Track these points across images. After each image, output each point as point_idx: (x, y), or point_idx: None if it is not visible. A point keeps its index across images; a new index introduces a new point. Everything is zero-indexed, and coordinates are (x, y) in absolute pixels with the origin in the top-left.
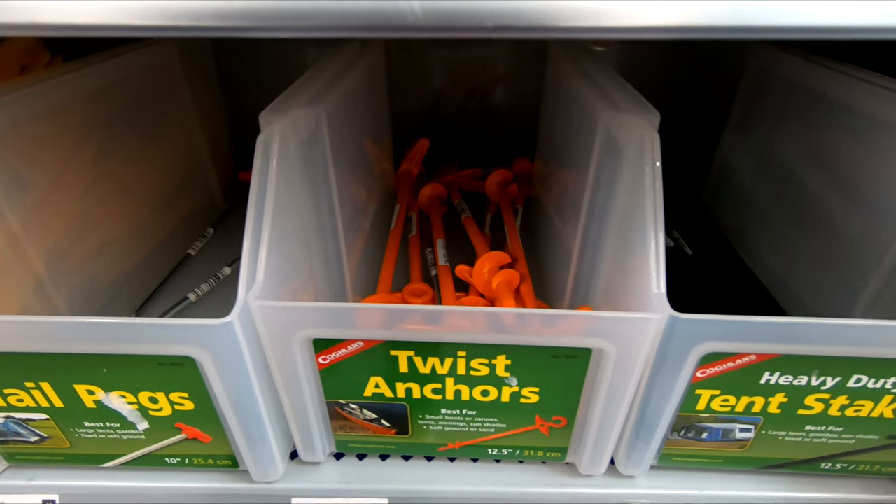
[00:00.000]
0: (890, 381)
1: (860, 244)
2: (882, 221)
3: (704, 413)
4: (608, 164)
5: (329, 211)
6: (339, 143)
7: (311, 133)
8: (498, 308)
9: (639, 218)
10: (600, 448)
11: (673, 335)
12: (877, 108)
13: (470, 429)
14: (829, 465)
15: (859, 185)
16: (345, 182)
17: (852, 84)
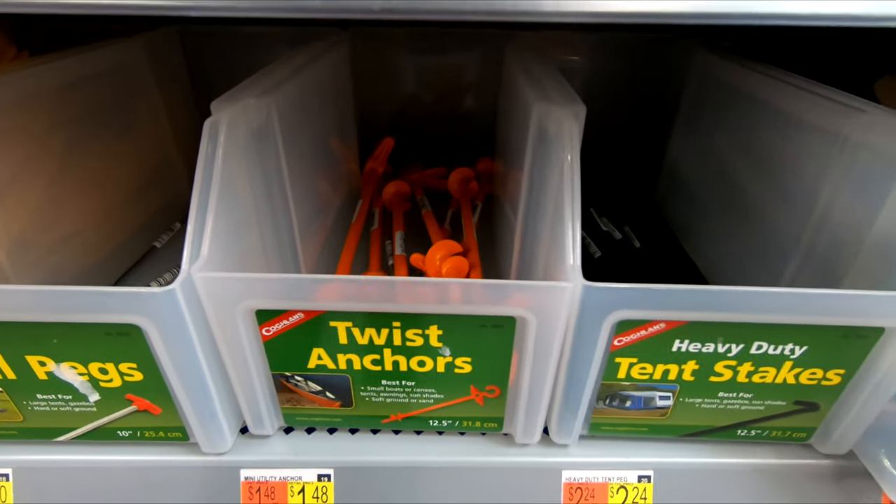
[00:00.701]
0: (787, 347)
1: (780, 231)
2: (796, 209)
3: (626, 381)
4: (540, 155)
5: (282, 200)
6: (293, 137)
7: (261, 123)
8: (422, 278)
9: (560, 201)
10: (532, 418)
11: (587, 304)
12: (792, 105)
13: (410, 400)
14: (745, 431)
15: (779, 177)
16: (300, 174)
17: (773, 85)
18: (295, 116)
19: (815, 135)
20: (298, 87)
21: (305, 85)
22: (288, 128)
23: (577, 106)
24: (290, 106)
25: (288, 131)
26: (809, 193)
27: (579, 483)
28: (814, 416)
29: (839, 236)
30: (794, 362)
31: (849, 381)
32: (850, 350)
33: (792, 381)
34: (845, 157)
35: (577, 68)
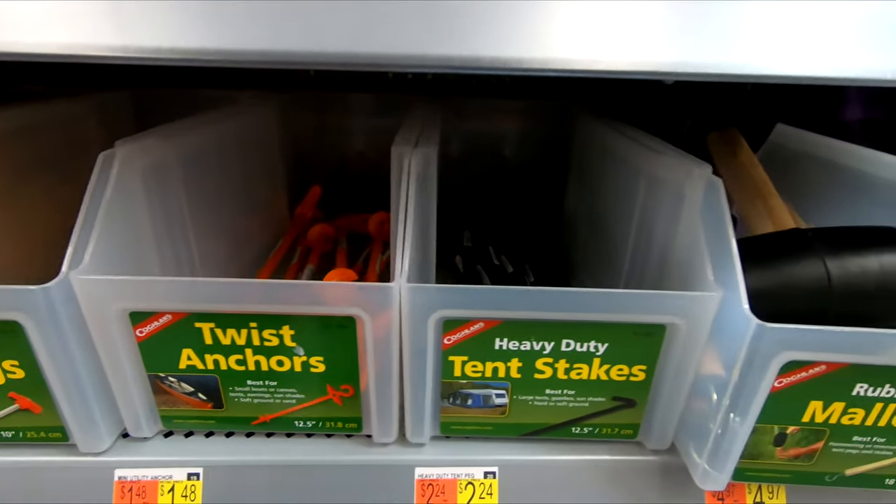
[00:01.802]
0: (591, 344)
1: (619, 257)
2: (624, 237)
3: (462, 379)
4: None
5: (182, 232)
6: (197, 178)
7: (159, 161)
8: (266, 280)
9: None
10: (385, 417)
11: (413, 304)
12: (623, 150)
13: (275, 400)
14: (578, 429)
15: (616, 212)
16: (203, 211)
17: (614, 136)
18: (200, 162)
19: (632, 173)
20: (204, 137)
21: (215, 136)
22: (191, 170)
23: (429, 148)
24: (194, 151)
25: (191, 173)
26: (630, 222)
27: (430, 480)
28: (634, 412)
29: (650, 256)
30: (602, 359)
31: (652, 376)
32: (644, 346)
33: (605, 377)
34: (649, 190)
35: (495, 131)
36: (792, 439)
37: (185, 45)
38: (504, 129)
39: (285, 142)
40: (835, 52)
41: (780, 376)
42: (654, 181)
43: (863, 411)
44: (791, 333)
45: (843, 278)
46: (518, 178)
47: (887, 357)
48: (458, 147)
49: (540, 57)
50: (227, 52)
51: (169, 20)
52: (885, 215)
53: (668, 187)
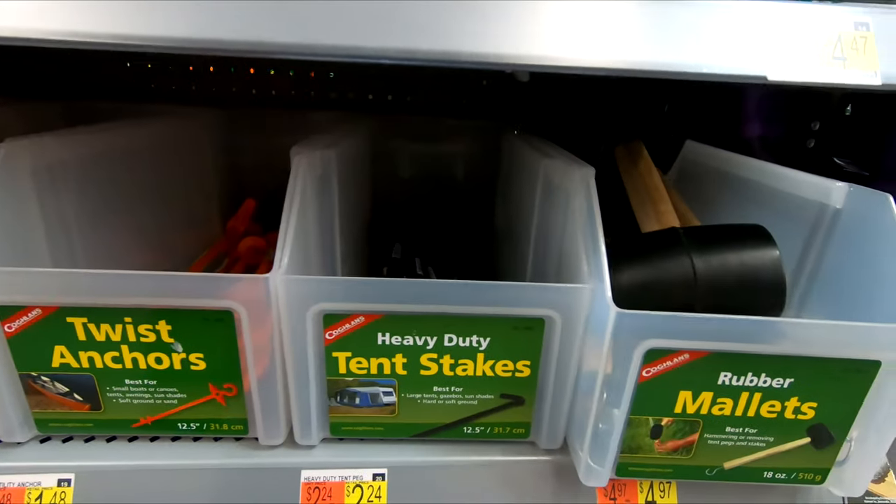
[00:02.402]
0: (474, 339)
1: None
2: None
3: (348, 377)
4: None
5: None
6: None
7: (56, 161)
8: (133, 271)
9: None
10: (271, 418)
11: (291, 297)
12: (527, 159)
13: (155, 400)
14: (470, 428)
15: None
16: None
17: (524, 148)
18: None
19: (532, 179)
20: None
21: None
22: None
23: (328, 151)
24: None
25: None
26: (531, 226)
27: (317, 483)
28: (523, 409)
29: (549, 258)
30: (486, 354)
31: (537, 371)
32: (526, 341)
33: (490, 373)
34: (544, 193)
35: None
36: (668, 431)
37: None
38: (439, 147)
39: (219, 156)
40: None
41: (647, 366)
42: (547, 184)
43: (731, 401)
44: (649, 320)
45: (707, 273)
46: (452, 194)
47: (745, 344)
48: (393, 164)
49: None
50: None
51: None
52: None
53: (557, 189)
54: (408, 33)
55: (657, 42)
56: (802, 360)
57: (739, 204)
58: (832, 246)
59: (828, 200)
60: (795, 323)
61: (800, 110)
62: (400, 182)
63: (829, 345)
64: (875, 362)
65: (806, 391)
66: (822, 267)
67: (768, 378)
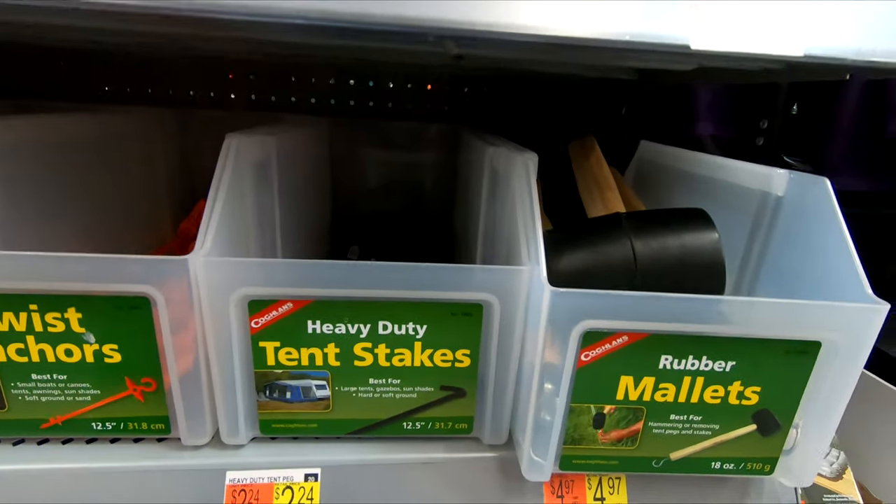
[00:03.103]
0: (410, 326)
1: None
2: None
3: (277, 369)
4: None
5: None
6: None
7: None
8: (37, 252)
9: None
10: (194, 416)
11: (211, 280)
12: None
13: (66, 398)
14: (411, 424)
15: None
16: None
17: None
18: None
19: (480, 170)
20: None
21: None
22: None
23: (267, 137)
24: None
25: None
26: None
27: (243, 485)
28: (465, 402)
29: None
30: (423, 343)
31: (477, 361)
32: (464, 328)
33: (429, 363)
34: (491, 182)
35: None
36: (611, 420)
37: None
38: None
39: (172, 157)
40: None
41: (585, 349)
42: (494, 173)
43: (673, 386)
44: (585, 299)
45: (647, 256)
46: (412, 197)
47: (685, 325)
48: (353, 167)
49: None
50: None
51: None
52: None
53: (502, 177)
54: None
55: (577, 12)
56: (744, 342)
57: (691, 199)
58: (776, 232)
59: (770, 188)
60: (733, 300)
61: (749, 110)
62: (360, 186)
63: (769, 324)
64: (816, 343)
65: (749, 375)
66: (768, 254)
67: (710, 361)
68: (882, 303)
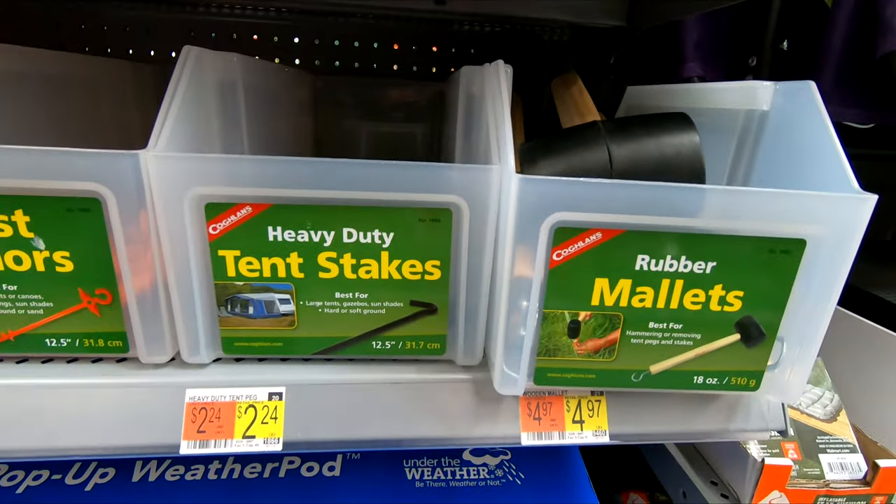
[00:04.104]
0: (376, 234)
1: None
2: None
3: (238, 281)
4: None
5: None
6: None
7: None
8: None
9: None
10: (152, 330)
11: (162, 178)
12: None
13: (17, 311)
14: (380, 343)
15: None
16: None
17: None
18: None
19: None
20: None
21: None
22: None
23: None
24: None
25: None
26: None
27: (204, 402)
28: (436, 320)
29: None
30: (390, 253)
31: (448, 273)
32: (434, 236)
33: (397, 275)
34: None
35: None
36: (587, 329)
37: None
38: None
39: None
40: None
41: (556, 247)
42: (469, 94)
43: (651, 290)
44: (555, 186)
45: (624, 158)
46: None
47: (661, 218)
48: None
49: None
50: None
51: None
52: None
53: (476, 96)
54: None
55: None
56: (724, 240)
57: None
58: (762, 148)
59: (755, 105)
60: (712, 189)
61: (737, 48)
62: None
63: (751, 216)
64: (800, 241)
65: (730, 278)
66: (754, 171)
67: (689, 262)
68: (868, 193)
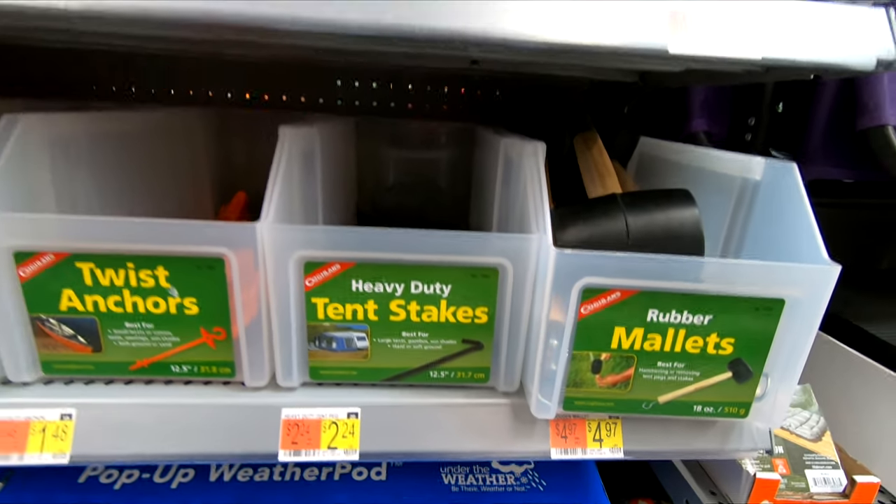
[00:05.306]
0: (437, 286)
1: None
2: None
3: (326, 322)
4: None
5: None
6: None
7: (68, 134)
8: (128, 218)
9: None
10: (256, 360)
11: (275, 244)
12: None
13: (152, 343)
14: (436, 373)
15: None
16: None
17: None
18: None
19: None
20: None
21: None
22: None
23: (312, 128)
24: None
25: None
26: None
27: (296, 420)
28: (482, 354)
29: (510, 222)
30: (448, 301)
31: (494, 317)
32: (483, 288)
33: (452, 319)
34: (505, 167)
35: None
36: (607, 366)
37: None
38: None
39: (213, 151)
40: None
41: (584, 303)
42: (507, 161)
43: (659, 336)
44: (584, 259)
45: (638, 228)
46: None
47: (668, 282)
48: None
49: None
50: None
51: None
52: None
53: (514, 163)
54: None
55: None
56: (719, 299)
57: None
58: (755, 212)
59: (749, 174)
60: (710, 261)
61: (738, 108)
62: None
63: (740, 282)
64: (780, 300)
65: (724, 328)
66: (749, 230)
67: (690, 315)
68: (834, 264)
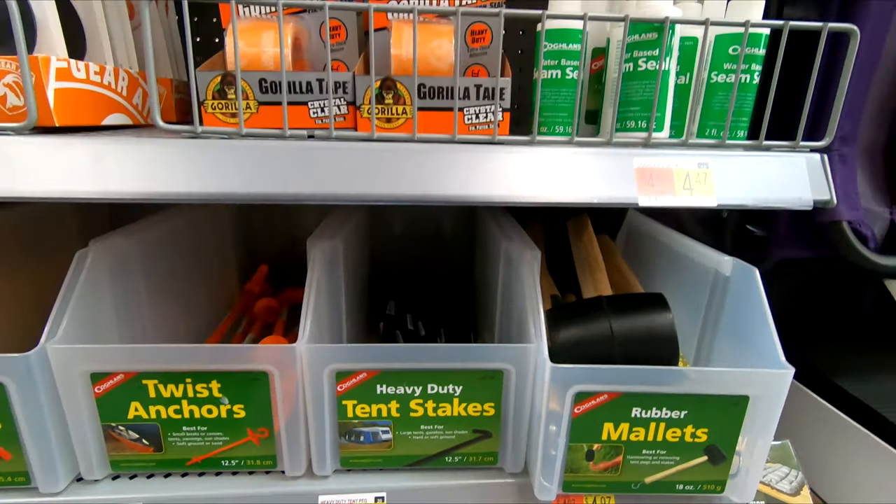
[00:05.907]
0: (450, 387)
1: (493, 322)
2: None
3: (354, 420)
4: None
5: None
6: (157, 266)
7: (125, 255)
8: (187, 344)
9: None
10: (294, 453)
11: (311, 360)
12: (495, 233)
13: (205, 443)
14: (451, 458)
15: (492, 288)
16: (161, 292)
17: (491, 228)
18: (158, 253)
19: (497, 255)
20: (163, 232)
21: (172, 229)
22: (150, 260)
23: (336, 241)
24: (154, 245)
25: (150, 262)
26: (496, 291)
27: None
28: (491, 441)
29: (511, 319)
30: (460, 399)
31: (500, 412)
32: (490, 388)
33: (464, 413)
34: (506, 267)
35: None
36: (599, 455)
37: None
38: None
39: (237, 231)
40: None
41: (577, 405)
42: (508, 260)
43: (643, 429)
44: (575, 372)
45: (622, 332)
46: (438, 255)
47: (647, 386)
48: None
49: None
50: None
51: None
52: (686, 282)
53: (514, 265)
54: (392, 182)
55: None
56: (693, 398)
57: (667, 269)
58: (727, 304)
59: (720, 269)
60: (683, 370)
61: None
62: (393, 246)
63: (710, 386)
64: (745, 397)
65: (698, 420)
66: (721, 321)
67: (669, 411)
68: (788, 368)
